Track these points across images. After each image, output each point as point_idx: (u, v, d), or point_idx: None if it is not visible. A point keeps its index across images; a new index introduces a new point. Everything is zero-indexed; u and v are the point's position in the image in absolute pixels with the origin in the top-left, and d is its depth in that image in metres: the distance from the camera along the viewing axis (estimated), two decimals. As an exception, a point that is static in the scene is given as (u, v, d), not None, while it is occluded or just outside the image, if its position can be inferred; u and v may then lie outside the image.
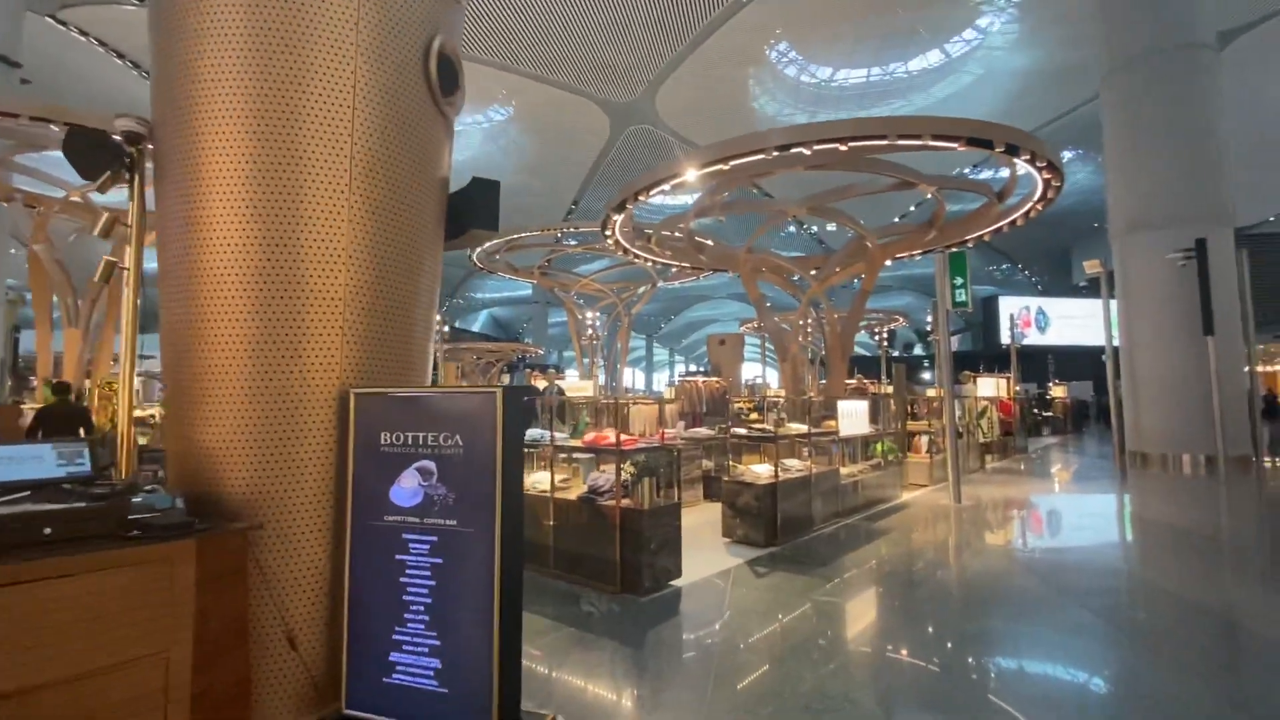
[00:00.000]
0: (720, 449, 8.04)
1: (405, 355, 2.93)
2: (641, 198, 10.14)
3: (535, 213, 31.20)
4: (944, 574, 5.22)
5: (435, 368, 28.55)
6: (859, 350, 45.61)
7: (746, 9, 23.08)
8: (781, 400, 8.48)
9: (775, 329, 12.43)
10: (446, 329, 28.26)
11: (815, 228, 37.82)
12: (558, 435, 5.09)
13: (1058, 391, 22.83)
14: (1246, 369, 12.17)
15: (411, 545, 2.34)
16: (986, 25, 24.72)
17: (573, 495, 4.72)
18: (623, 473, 4.42)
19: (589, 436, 4.72)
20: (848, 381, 13.15)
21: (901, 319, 26.39)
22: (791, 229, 41.08)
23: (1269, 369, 25.44)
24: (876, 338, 28.17)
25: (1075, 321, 33.44)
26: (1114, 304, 13.08)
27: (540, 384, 10.27)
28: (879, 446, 8.24)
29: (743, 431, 6.45)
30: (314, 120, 2.59)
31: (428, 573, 2.31)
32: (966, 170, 25.88)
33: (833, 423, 7.09)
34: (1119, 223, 12.81)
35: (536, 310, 58.38)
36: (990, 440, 11.76)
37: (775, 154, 8.53)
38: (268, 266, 2.52)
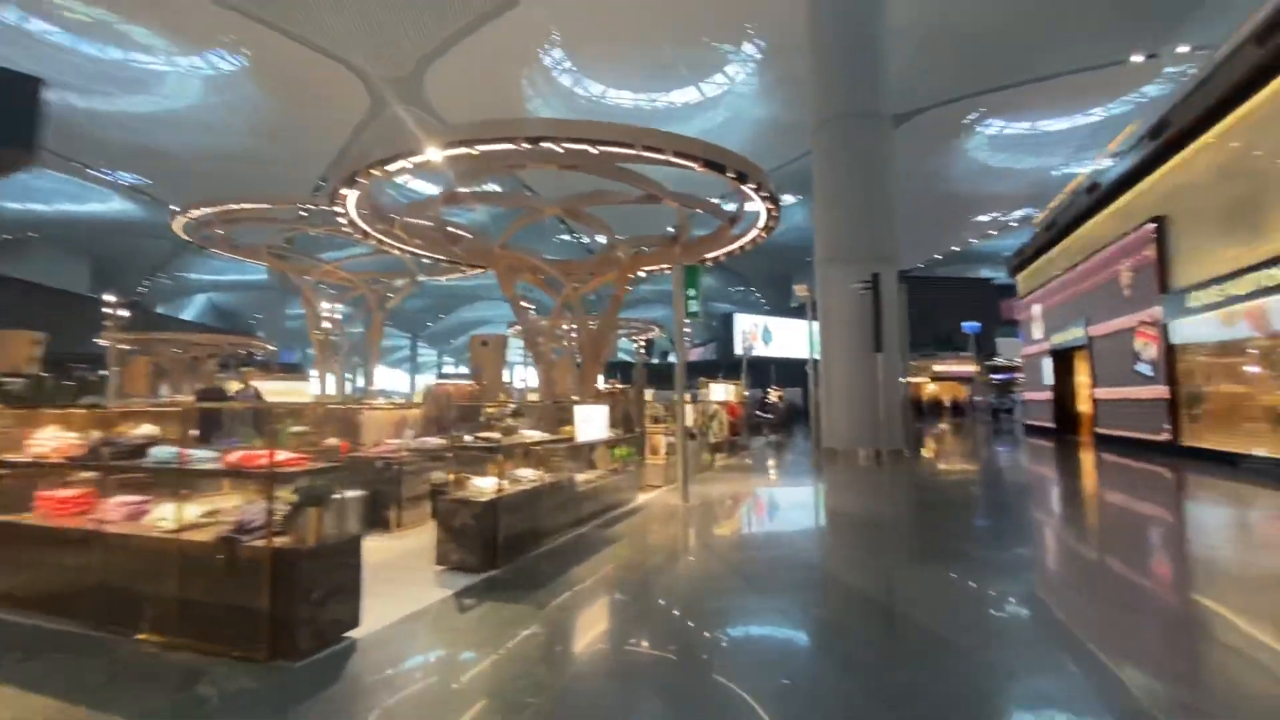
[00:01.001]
0: (457, 461, 7.26)
1: None
2: (376, 173, 8.89)
3: (272, 184, 26.49)
4: (659, 578, 5.24)
5: (112, 363, 22.21)
6: (624, 357, 48.16)
7: (523, 6, 22.59)
8: (509, 407, 8.03)
9: (531, 331, 12.03)
10: (125, 312, 22.24)
11: (586, 237, 38.86)
12: (198, 453, 3.84)
13: (775, 397, 26.62)
14: (903, 380, 15.40)
15: None
16: (734, 74, 27.90)
17: (209, 535, 3.56)
18: (282, 502, 3.45)
19: (234, 456, 3.61)
20: (601, 386, 13.34)
21: (657, 329, 28.27)
22: (565, 236, 41.65)
23: (915, 380, 33.08)
24: (636, 345, 29.76)
25: (792, 337, 39.71)
26: (816, 324, 15.51)
27: (232, 386, 8.28)
28: (618, 451, 8.28)
29: (469, 439, 5.80)
30: None
31: None
32: (715, 199, 28.86)
33: (570, 429, 6.84)
34: (820, 255, 15.23)
35: (272, 298, 49.93)
36: (720, 440, 12.93)
37: (526, 145, 8.10)
38: None
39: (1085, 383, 18.63)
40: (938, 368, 40.34)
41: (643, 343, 29.31)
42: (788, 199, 28.64)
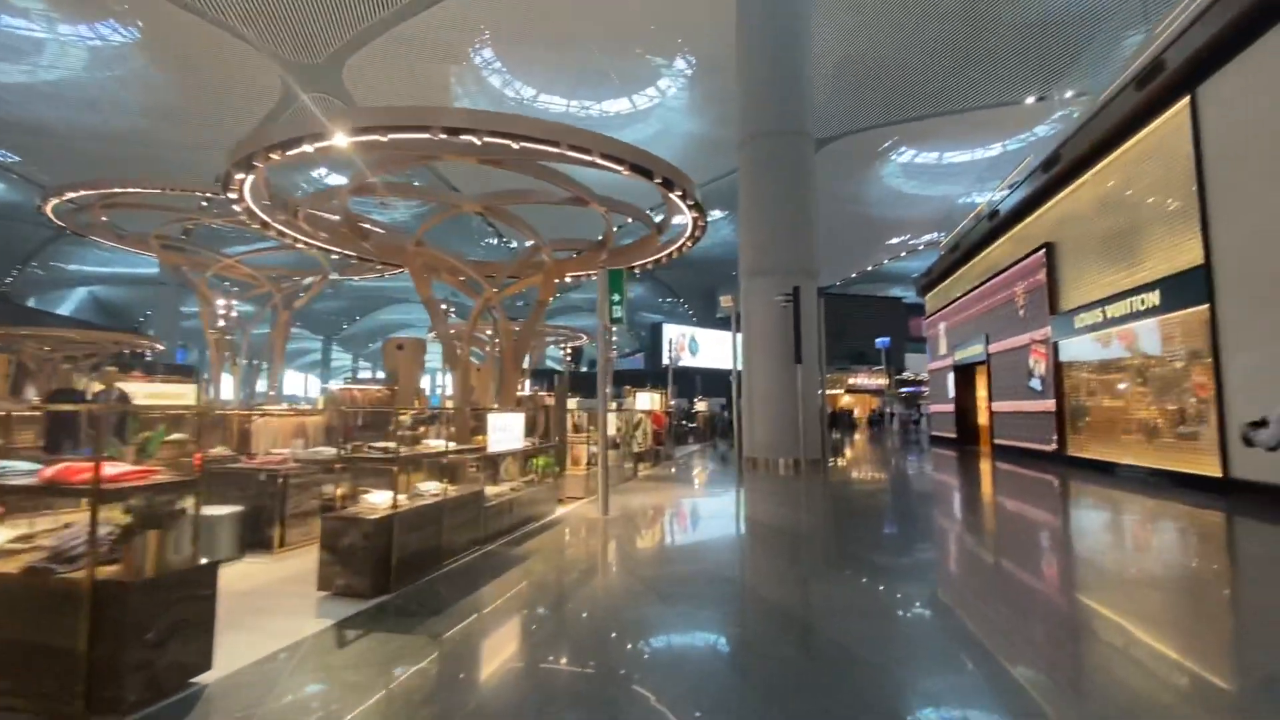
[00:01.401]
0: (352, 473, 6.64)
1: None
2: (276, 156, 8.15)
3: (168, 170, 24.11)
4: (569, 601, 4.93)
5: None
6: (552, 365, 47.43)
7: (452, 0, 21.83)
8: (411, 415, 7.53)
9: (445, 334, 11.42)
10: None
11: (515, 242, 38.00)
12: (13, 465, 3.20)
13: (701, 406, 26.88)
14: (820, 392, 15.82)
15: None
16: (665, 88, 28.14)
17: (16, 565, 2.94)
18: (111, 524, 2.90)
19: (50, 470, 3.02)
20: (523, 394, 12.87)
21: (586, 337, 27.92)
22: (492, 240, 40.57)
23: (832, 392, 34.40)
24: (563, 352, 29.26)
25: (718, 348, 40.47)
26: (740, 335, 15.71)
27: (94, 388, 7.26)
28: (537, 461, 7.91)
29: (366, 449, 5.28)
30: None
31: None
32: (647, 210, 28.96)
33: (483, 438, 6.42)
34: (744, 267, 15.46)
35: (166, 294, 45.72)
36: (644, 449, 12.76)
37: (443, 135, 7.63)
38: None
39: (985, 396, 19.91)
40: (852, 381, 42.25)
41: (569, 350, 28.84)
42: (715, 214, 29.11)
